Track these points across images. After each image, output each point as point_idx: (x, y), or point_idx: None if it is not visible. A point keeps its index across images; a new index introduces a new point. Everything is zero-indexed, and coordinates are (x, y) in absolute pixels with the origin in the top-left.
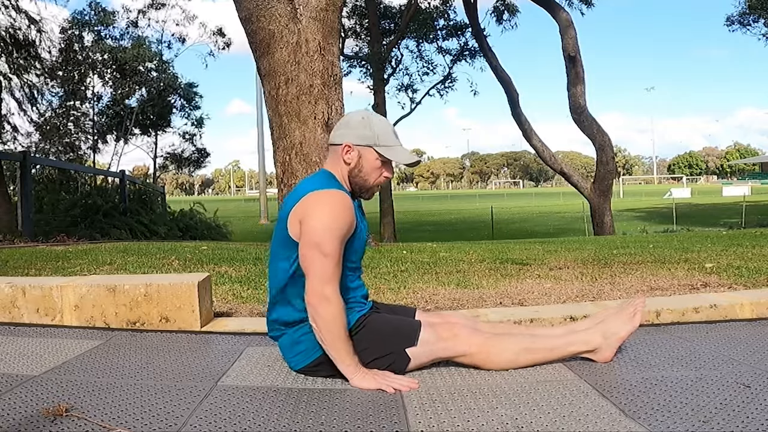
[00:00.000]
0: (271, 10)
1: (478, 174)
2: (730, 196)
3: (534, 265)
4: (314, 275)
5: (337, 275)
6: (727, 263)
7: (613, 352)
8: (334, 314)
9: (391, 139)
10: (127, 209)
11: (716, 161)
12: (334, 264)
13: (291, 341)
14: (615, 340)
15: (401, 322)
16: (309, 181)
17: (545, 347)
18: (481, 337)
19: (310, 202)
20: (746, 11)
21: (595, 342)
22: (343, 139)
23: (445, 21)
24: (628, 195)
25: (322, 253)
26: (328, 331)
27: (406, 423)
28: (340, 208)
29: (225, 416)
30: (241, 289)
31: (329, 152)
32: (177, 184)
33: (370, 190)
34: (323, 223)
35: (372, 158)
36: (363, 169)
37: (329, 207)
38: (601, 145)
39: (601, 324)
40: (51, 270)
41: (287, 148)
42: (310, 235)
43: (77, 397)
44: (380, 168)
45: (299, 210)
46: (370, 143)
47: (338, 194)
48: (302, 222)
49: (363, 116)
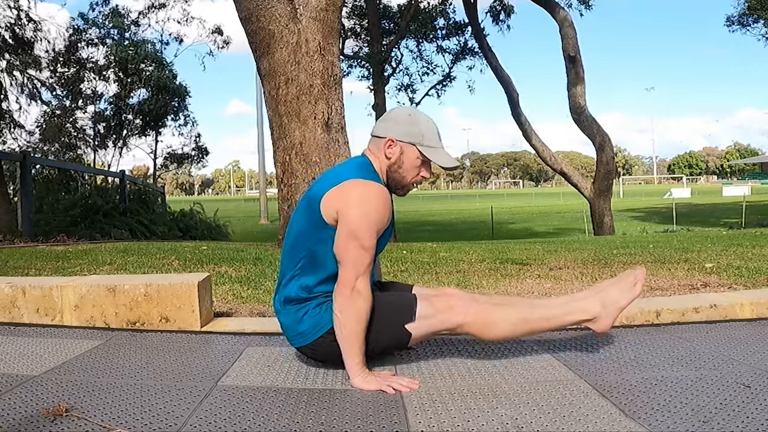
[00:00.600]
0: (271, 10)
1: (478, 174)
2: (730, 196)
3: (534, 265)
4: (349, 266)
5: (370, 268)
6: (727, 263)
7: (612, 321)
8: (360, 308)
9: (435, 141)
10: (127, 209)
11: (716, 161)
12: (370, 257)
13: (293, 320)
14: (614, 309)
15: (398, 299)
16: (347, 167)
17: (543, 316)
18: (478, 307)
19: (352, 192)
20: (746, 12)
21: (594, 310)
22: (387, 132)
23: (445, 20)
24: (628, 195)
25: (360, 245)
26: (351, 323)
27: (406, 423)
28: (381, 202)
29: (225, 416)
30: (241, 289)
31: (370, 143)
32: (177, 184)
33: (405, 187)
34: (365, 215)
35: (413, 156)
36: (403, 165)
37: (371, 199)
38: (601, 145)
39: (601, 293)
40: (51, 270)
41: (287, 148)
42: (350, 226)
43: (77, 397)
44: (419, 167)
45: (336, 195)
46: (414, 141)
47: (379, 187)
48: (340, 210)
49: (410, 113)
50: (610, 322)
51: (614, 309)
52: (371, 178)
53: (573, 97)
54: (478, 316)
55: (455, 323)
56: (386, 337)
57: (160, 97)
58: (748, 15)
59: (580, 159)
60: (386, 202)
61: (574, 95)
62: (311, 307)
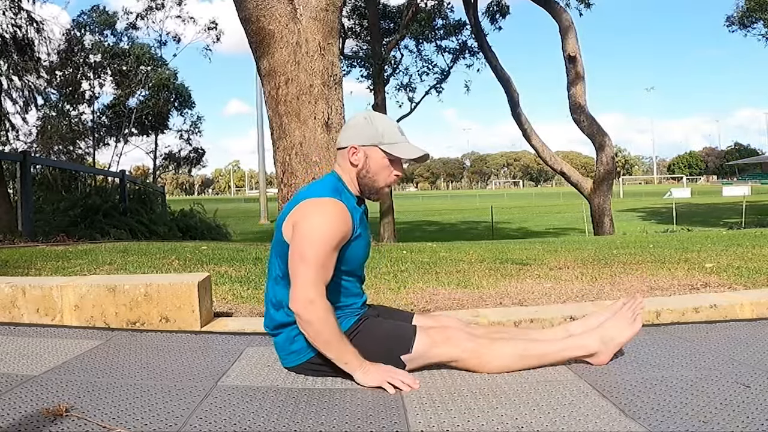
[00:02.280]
0: (271, 10)
1: (478, 174)
2: (730, 196)
3: (534, 265)
4: (296, 282)
5: (320, 281)
6: (727, 263)
7: (610, 356)
8: (320, 316)
9: (395, 136)
10: (127, 209)
11: (716, 161)
12: (315, 270)
13: (285, 339)
14: (614, 345)
15: (397, 329)
16: (310, 187)
17: (540, 353)
18: (475, 343)
19: (302, 210)
20: (746, 12)
21: (593, 347)
22: (348, 141)
23: (444, 20)
24: (628, 195)
25: (303, 261)
26: (318, 334)
27: (406, 423)
28: (330, 217)
29: (225, 416)
30: (241, 289)
31: (338, 157)
32: (177, 184)
33: (380, 191)
34: (310, 232)
35: (379, 157)
36: (371, 169)
37: (319, 216)
38: (601, 145)
39: (600, 329)
40: (51, 270)
41: (287, 148)
42: (295, 243)
43: (77, 397)
44: (389, 167)
45: (293, 216)
46: (374, 142)
47: (330, 203)
48: (294, 229)
49: (365, 116)
50: (608, 357)
51: (614, 345)
52: (331, 193)
53: (573, 97)
54: (474, 352)
55: (452, 357)
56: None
57: (160, 97)
58: (748, 15)
59: (580, 159)
60: (338, 217)
61: (574, 95)
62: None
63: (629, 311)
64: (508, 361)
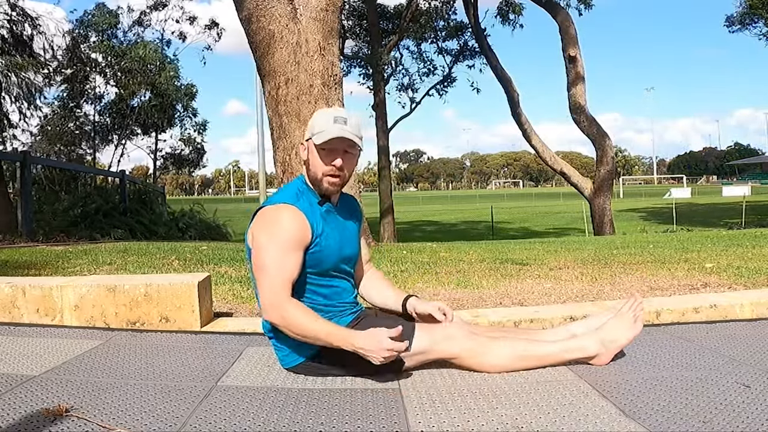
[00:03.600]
0: (271, 10)
1: (478, 174)
2: (730, 196)
3: (534, 265)
4: (261, 292)
5: (281, 286)
6: (727, 263)
7: (610, 357)
8: (291, 317)
9: (324, 125)
10: (127, 209)
11: (716, 161)
12: (273, 277)
13: (282, 340)
14: (615, 347)
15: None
16: (273, 195)
17: (540, 354)
18: (474, 342)
19: (257, 220)
20: (746, 11)
21: (593, 349)
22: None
23: (444, 21)
24: (628, 195)
25: (261, 270)
26: (301, 332)
27: (406, 423)
28: (281, 224)
29: (225, 416)
30: (241, 289)
31: None
32: (177, 184)
33: (320, 185)
34: (262, 241)
35: (313, 149)
36: (310, 162)
37: (269, 224)
38: (601, 145)
39: (601, 330)
40: (51, 270)
41: (287, 148)
42: (254, 254)
43: (77, 397)
44: (324, 158)
45: (252, 227)
46: (308, 136)
47: (281, 209)
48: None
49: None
50: (609, 359)
51: (614, 347)
52: (286, 199)
53: (573, 97)
54: (473, 351)
55: (452, 354)
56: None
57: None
58: (748, 14)
59: (580, 159)
60: (289, 221)
61: (574, 95)
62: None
63: (630, 312)
64: (507, 361)
